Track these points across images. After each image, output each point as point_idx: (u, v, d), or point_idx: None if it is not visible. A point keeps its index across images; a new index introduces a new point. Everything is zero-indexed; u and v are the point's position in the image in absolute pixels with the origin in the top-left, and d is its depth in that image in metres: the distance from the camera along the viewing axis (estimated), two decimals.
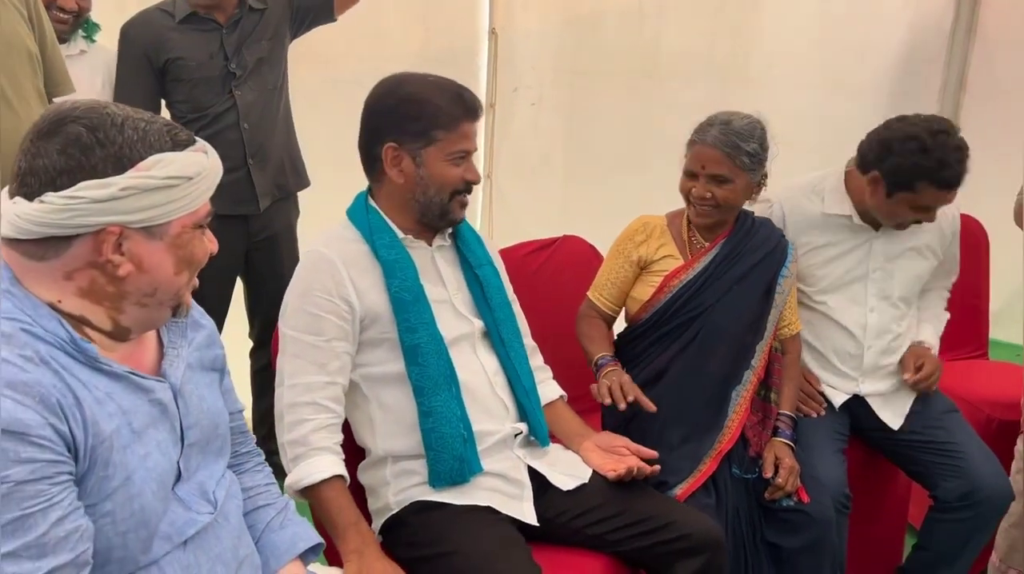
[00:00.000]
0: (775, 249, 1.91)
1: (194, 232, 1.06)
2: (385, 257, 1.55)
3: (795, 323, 2.00)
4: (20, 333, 0.96)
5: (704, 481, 1.76)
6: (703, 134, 1.85)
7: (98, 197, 0.95)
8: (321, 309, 1.52)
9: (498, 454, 1.61)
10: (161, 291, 1.05)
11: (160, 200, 0.99)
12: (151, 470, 1.03)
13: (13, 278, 1.00)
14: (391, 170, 1.56)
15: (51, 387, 0.94)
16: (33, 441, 0.90)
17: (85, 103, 1.01)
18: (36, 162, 0.96)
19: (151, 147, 0.99)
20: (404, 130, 1.53)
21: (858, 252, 2.03)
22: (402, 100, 1.54)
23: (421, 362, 1.53)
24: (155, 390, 1.07)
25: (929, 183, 1.83)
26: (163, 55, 2.33)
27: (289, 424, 1.50)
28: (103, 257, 0.98)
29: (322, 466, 1.47)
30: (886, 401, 2.05)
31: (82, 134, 0.96)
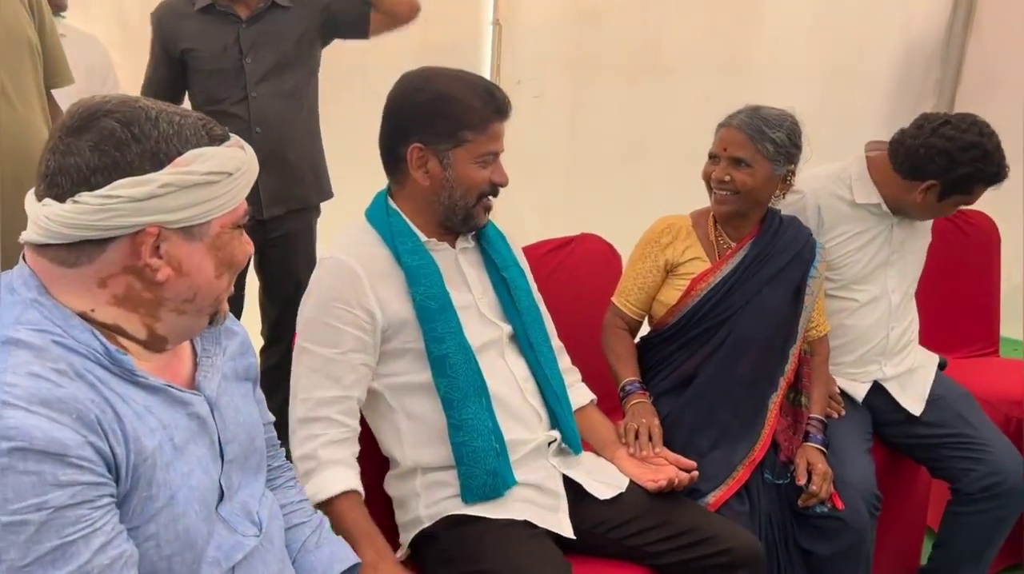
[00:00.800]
0: (803, 249, 1.87)
1: (233, 232, 0.99)
2: (408, 263, 1.48)
3: (823, 324, 1.96)
4: (52, 345, 0.88)
5: (737, 489, 1.71)
6: (731, 118, 1.82)
7: (136, 195, 0.88)
8: (340, 320, 1.44)
9: (532, 463, 1.55)
10: (201, 296, 0.98)
11: (200, 198, 0.92)
12: (194, 489, 0.96)
13: (41, 287, 0.92)
14: (416, 171, 1.48)
15: (88, 402, 0.86)
16: (72, 462, 0.83)
17: (115, 96, 0.93)
18: (67, 160, 0.88)
19: (187, 142, 0.92)
20: (432, 130, 1.45)
21: (880, 238, 2.05)
22: (431, 98, 1.46)
23: (450, 373, 1.47)
24: (193, 403, 1.00)
25: (985, 185, 1.90)
26: (179, 44, 2.25)
27: (300, 439, 1.43)
28: (141, 261, 0.91)
29: (334, 481, 1.40)
30: (904, 386, 2.06)
31: (116, 129, 0.89)
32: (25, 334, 0.87)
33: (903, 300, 2.09)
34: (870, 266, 2.04)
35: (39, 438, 0.81)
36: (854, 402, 2.04)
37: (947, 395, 2.07)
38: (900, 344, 2.08)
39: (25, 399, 0.82)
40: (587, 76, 3.37)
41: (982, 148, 1.85)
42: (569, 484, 1.58)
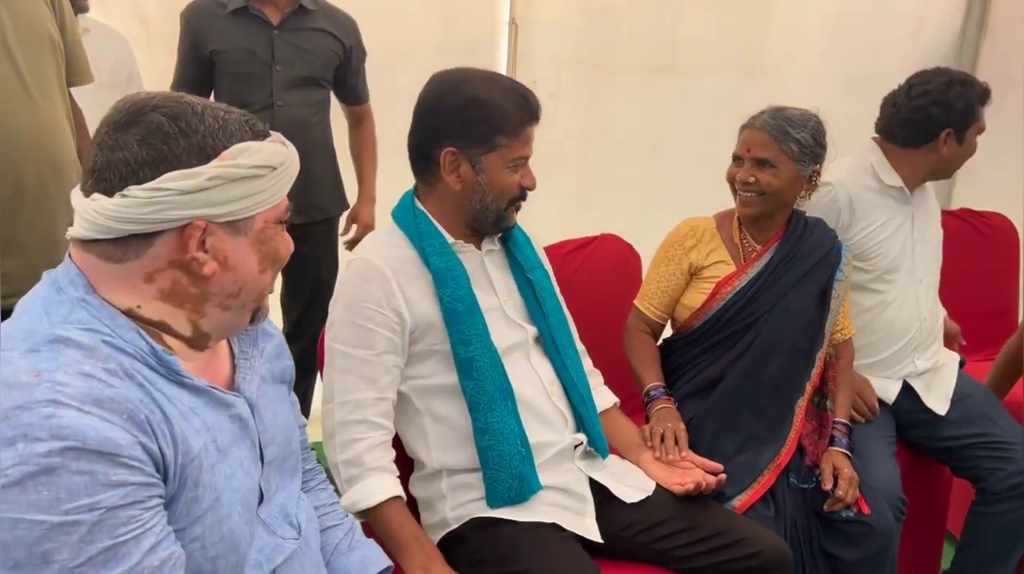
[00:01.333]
0: (829, 251, 1.85)
1: (276, 227, 0.99)
2: (436, 264, 1.47)
3: (848, 327, 1.95)
4: (101, 345, 0.88)
5: (763, 493, 1.70)
6: (754, 119, 1.81)
7: (185, 188, 0.88)
8: (371, 321, 1.44)
9: (558, 466, 1.54)
10: (245, 291, 0.98)
11: (246, 191, 0.92)
12: (237, 491, 0.96)
13: (88, 286, 0.92)
14: (448, 175, 1.47)
15: (138, 403, 0.86)
16: (124, 462, 0.82)
17: (160, 92, 0.94)
18: (115, 155, 0.89)
19: (232, 136, 0.93)
20: (466, 134, 1.44)
21: (906, 224, 2.07)
22: (467, 102, 1.44)
23: (476, 376, 1.46)
24: (235, 405, 1.00)
25: (982, 105, 2.01)
26: (208, 45, 2.25)
27: (341, 444, 1.42)
28: (188, 254, 0.91)
29: (379, 487, 1.40)
30: (928, 385, 2.07)
31: (163, 123, 0.89)
32: (75, 333, 0.87)
33: (930, 290, 2.11)
34: (901, 253, 2.05)
35: (92, 438, 0.80)
36: (881, 405, 2.03)
37: (971, 394, 2.08)
38: (932, 336, 2.10)
39: (78, 398, 0.82)
40: (602, 75, 3.34)
41: (956, 80, 1.99)
42: (595, 487, 1.57)
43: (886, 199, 2.05)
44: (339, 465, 1.42)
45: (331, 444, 1.44)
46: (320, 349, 1.55)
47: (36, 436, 0.78)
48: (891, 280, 2.05)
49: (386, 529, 1.40)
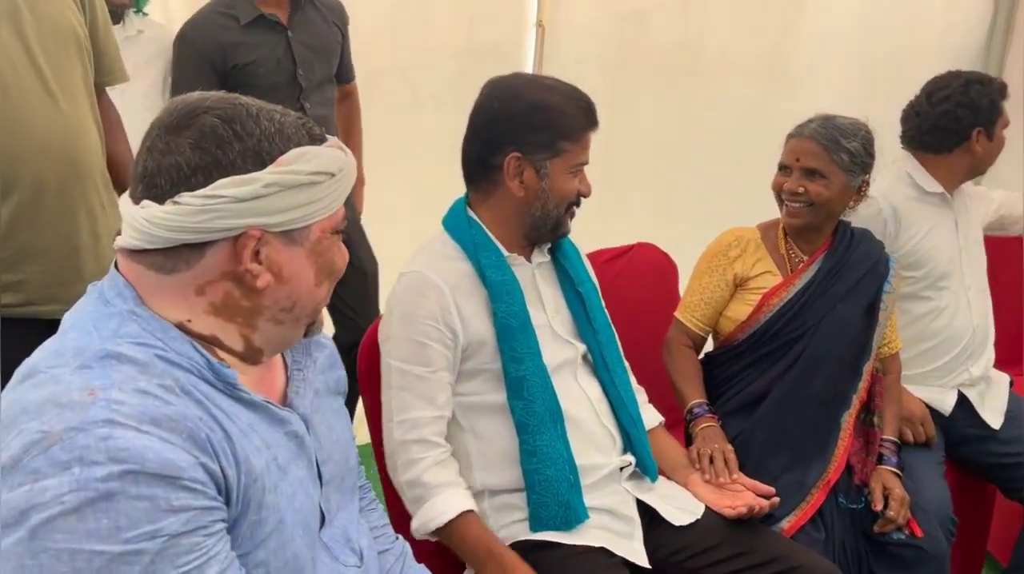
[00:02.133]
0: (878, 263, 1.80)
1: (332, 238, 0.94)
2: (492, 278, 1.43)
3: (896, 341, 1.90)
4: (155, 360, 0.82)
5: (813, 514, 1.64)
6: (802, 128, 1.76)
7: (240, 195, 0.83)
8: (428, 337, 1.39)
9: (605, 488, 1.48)
10: (300, 305, 0.93)
11: (303, 199, 0.87)
12: (299, 512, 0.91)
13: (137, 298, 0.86)
14: (511, 182, 1.43)
15: (197, 421, 0.81)
16: (186, 485, 0.77)
17: (215, 94, 0.88)
18: (166, 160, 0.83)
19: (289, 140, 0.87)
20: (530, 140, 1.41)
21: (951, 229, 2.06)
22: (531, 107, 1.41)
23: (527, 396, 1.41)
24: (291, 422, 0.94)
25: (1002, 99, 2.02)
26: (230, 61, 2.17)
27: (403, 465, 1.39)
28: (241, 266, 0.86)
29: (446, 505, 1.37)
30: (983, 397, 2.04)
31: (217, 126, 0.84)
32: (128, 348, 0.82)
33: (980, 294, 2.09)
34: (950, 260, 2.03)
35: (152, 460, 0.75)
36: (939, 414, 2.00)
37: (1022, 413, 2.04)
38: (985, 342, 2.08)
39: (135, 418, 0.76)
40: (628, 78, 3.30)
41: (973, 80, 2.00)
42: (641, 509, 1.51)
43: (928, 206, 2.03)
44: (403, 486, 1.39)
45: (392, 464, 1.41)
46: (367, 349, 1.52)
47: (93, 459, 0.73)
48: (943, 287, 2.02)
49: (460, 544, 1.37)
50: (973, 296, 2.06)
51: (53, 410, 0.76)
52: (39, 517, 0.72)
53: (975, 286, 2.07)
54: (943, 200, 2.04)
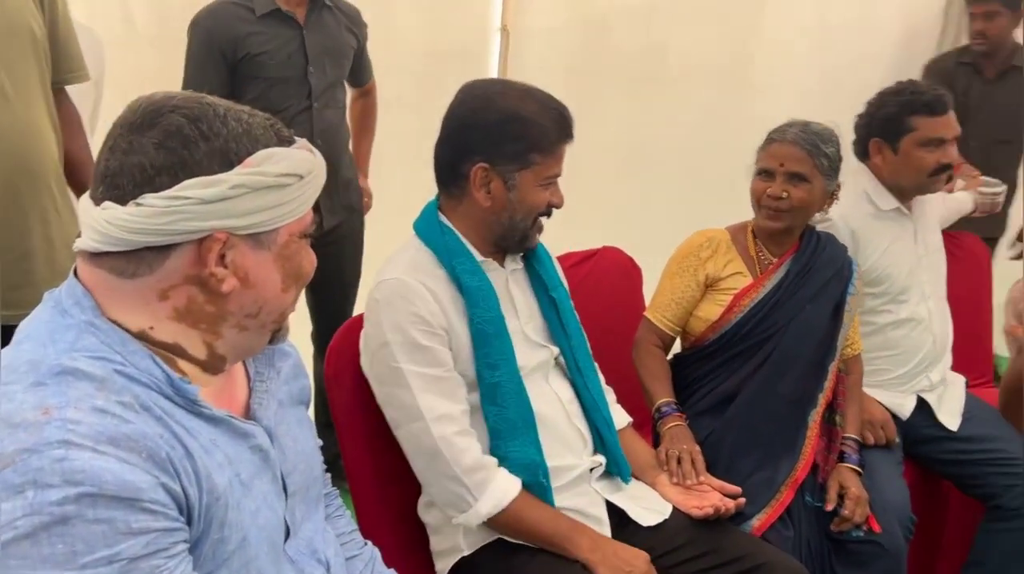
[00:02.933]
0: (842, 266, 1.84)
1: (300, 242, 0.92)
2: (468, 284, 1.41)
3: (858, 342, 1.94)
4: (114, 375, 0.80)
5: (782, 512, 1.66)
6: (782, 133, 1.77)
7: (206, 197, 0.80)
8: (431, 340, 1.38)
9: (575, 489, 1.49)
10: (266, 310, 0.90)
11: (271, 202, 0.85)
12: (263, 528, 0.89)
13: (96, 307, 0.83)
14: (478, 191, 1.41)
15: (158, 439, 0.78)
16: (145, 507, 0.75)
17: (180, 93, 0.86)
18: (129, 159, 0.81)
19: (257, 141, 0.85)
20: (501, 151, 1.39)
21: (909, 240, 2.07)
22: (503, 118, 1.38)
23: (500, 402, 1.40)
24: (254, 435, 0.92)
25: (918, 114, 1.94)
26: (240, 51, 2.16)
27: (455, 457, 1.36)
28: (206, 269, 0.84)
29: (510, 481, 1.38)
30: (941, 400, 2.07)
31: (183, 125, 0.81)
32: (84, 363, 0.79)
33: (939, 303, 2.11)
34: (909, 273, 2.04)
35: (110, 482, 0.73)
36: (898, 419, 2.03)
37: (978, 413, 2.08)
38: (944, 348, 2.11)
39: (91, 438, 0.74)
40: (592, 84, 3.32)
41: (889, 90, 1.99)
42: (611, 510, 1.52)
43: (886, 222, 2.04)
44: (461, 476, 1.36)
45: (439, 460, 1.37)
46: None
47: (47, 482, 0.71)
48: (903, 300, 2.05)
49: (534, 523, 1.38)
50: (933, 305, 2.08)
51: (5, 430, 0.73)
52: None
53: (934, 294, 2.10)
54: (899, 213, 2.05)
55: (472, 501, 1.36)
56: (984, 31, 2.85)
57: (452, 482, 1.37)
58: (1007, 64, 2.91)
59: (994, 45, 2.86)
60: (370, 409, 1.51)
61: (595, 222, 3.25)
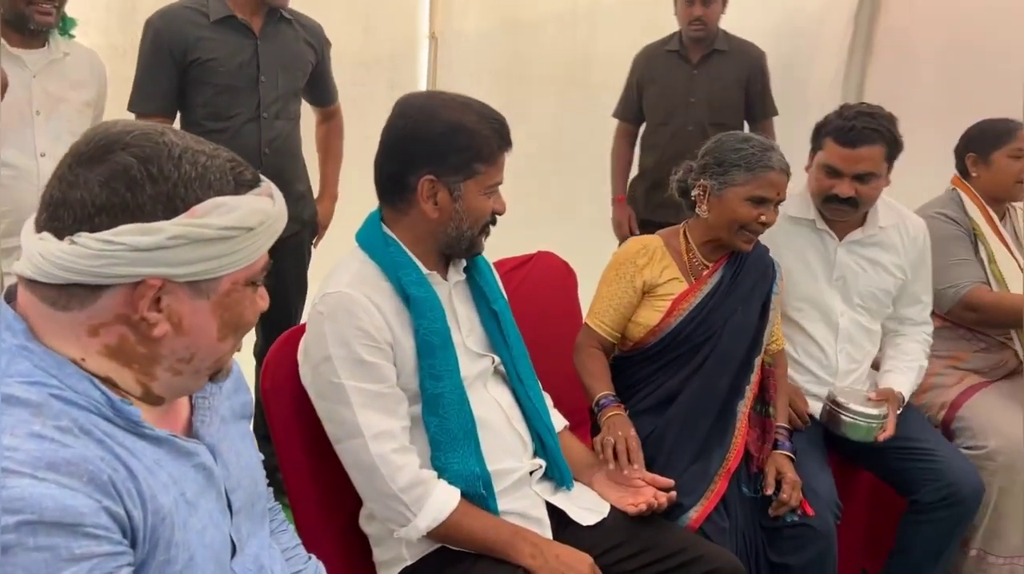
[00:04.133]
0: (768, 266, 1.91)
1: (245, 290, 0.89)
2: (416, 295, 1.42)
3: (781, 338, 2.01)
4: (50, 399, 0.78)
5: (717, 502, 1.71)
6: (769, 159, 1.78)
7: (140, 245, 0.78)
8: (373, 355, 1.38)
9: (516, 492, 1.51)
10: (199, 357, 0.88)
11: (212, 253, 0.82)
12: (209, 547, 0.88)
13: (28, 331, 0.81)
14: (425, 203, 1.42)
15: (99, 462, 0.77)
16: (88, 532, 0.74)
17: (140, 127, 0.83)
18: (72, 193, 0.79)
19: (209, 187, 0.82)
20: (446, 162, 1.40)
21: (823, 260, 2.09)
22: (446, 130, 1.40)
23: (442, 414, 1.41)
24: (198, 453, 0.92)
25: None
26: (189, 55, 2.12)
27: (391, 474, 1.37)
28: (137, 314, 0.82)
29: (448, 494, 1.39)
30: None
31: (131, 166, 0.79)
32: (18, 389, 0.77)
33: (854, 327, 2.10)
34: (814, 286, 2.07)
35: (50, 508, 0.72)
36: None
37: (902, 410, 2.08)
38: (849, 367, 2.11)
39: (29, 464, 0.72)
40: (520, 90, 3.36)
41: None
42: (550, 510, 1.55)
43: (799, 228, 2.09)
44: (398, 493, 1.36)
45: (377, 477, 1.37)
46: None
47: None
48: (801, 306, 2.09)
49: (473, 532, 1.40)
50: (844, 325, 2.09)
51: None
52: None
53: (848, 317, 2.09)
54: (814, 226, 2.07)
55: (411, 516, 1.37)
56: (702, 16, 2.94)
57: (390, 499, 1.37)
58: (710, 48, 3.02)
59: (709, 31, 2.98)
60: (309, 421, 1.50)
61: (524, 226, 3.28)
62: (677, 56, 3.05)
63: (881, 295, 2.12)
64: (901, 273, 2.12)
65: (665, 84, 3.03)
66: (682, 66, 3.05)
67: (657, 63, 3.07)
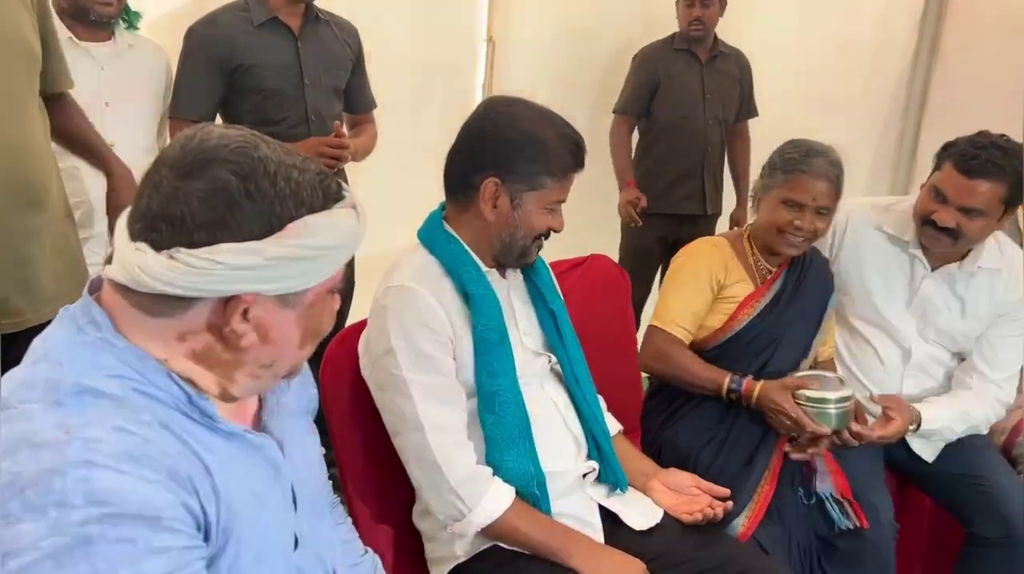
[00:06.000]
0: (827, 277, 1.90)
1: (327, 299, 0.92)
2: (474, 292, 1.43)
3: (831, 346, 1.98)
4: (133, 394, 0.81)
5: (767, 508, 1.70)
6: (808, 164, 1.74)
7: (240, 264, 0.80)
8: (435, 349, 1.39)
9: (570, 495, 1.52)
10: (280, 364, 0.91)
11: (303, 270, 0.84)
12: (276, 541, 0.91)
13: (112, 326, 0.84)
14: (485, 205, 1.43)
15: (178, 457, 0.80)
16: (167, 525, 0.76)
17: (235, 138, 0.83)
18: (171, 206, 0.80)
19: (302, 204, 0.83)
20: (514, 169, 1.41)
21: (906, 286, 1.97)
22: (522, 139, 1.40)
23: (498, 411, 1.43)
24: (266, 448, 0.94)
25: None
26: (235, 60, 2.15)
27: (449, 468, 1.38)
28: (228, 327, 0.84)
29: (504, 491, 1.40)
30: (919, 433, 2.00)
31: (231, 183, 0.80)
32: (102, 382, 0.80)
33: (928, 357, 2.00)
34: (891, 307, 1.96)
35: (132, 501, 0.74)
36: None
37: (964, 439, 1.98)
38: (916, 397, 1.98)
39: (113, 457, 0.75)
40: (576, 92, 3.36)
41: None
42: (603, 513, 1.55)
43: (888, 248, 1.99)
44: (455, 487, 1.37)
45: (434, 470, 1.38)
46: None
47: (71, 503, 0.72)
48: (865, 323, 2.02)
49: (528, 534, 1.40)
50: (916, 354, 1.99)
51: (26, 450, 0.74)
52: (15, 563, 0.70)
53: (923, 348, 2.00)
54: (906, 248, 1.96)
55: (466, 511, 1.38)
56: (701, 17, 3.06)
57: (447, 492, 1.38)
58: (715, 49, 3.16)
59: (708, 31, 3.10)
60: (366, 419, 1.53)
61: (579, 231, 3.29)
62: (688, 54, 3.17)
63: (960, 338, 1.99)
64: (989, 321, 1.97)
65: (682, 81, 3.14)
66: (694, 64, 3.18)
67: (670, 61, 3.16)
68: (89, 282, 0.90)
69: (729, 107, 3.23)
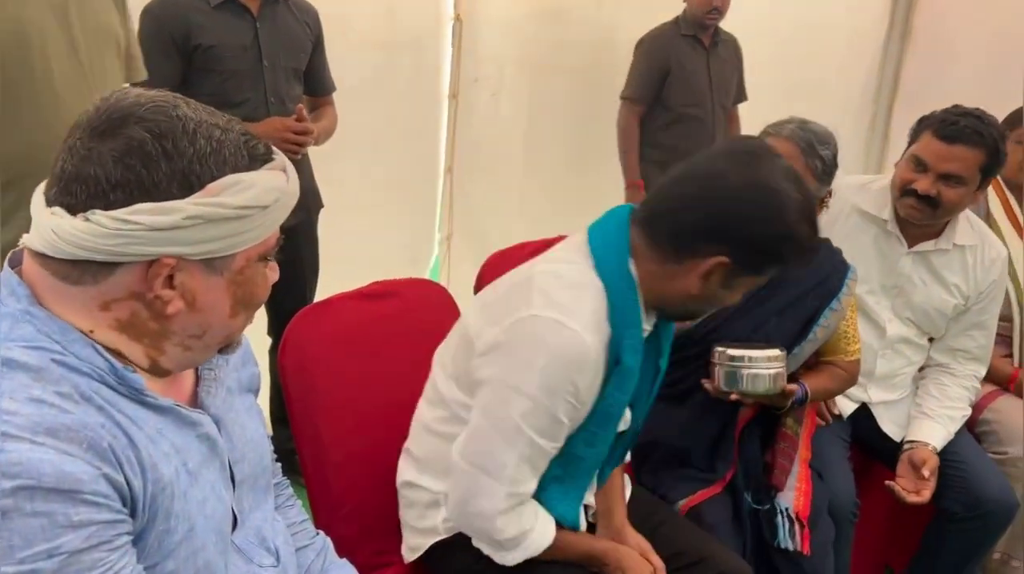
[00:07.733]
0: (827, 278, 1.71)
1: (258, 266, 0.87)
2: (628, 363, 1.26)
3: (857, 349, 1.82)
4: (51, 365, 0.77)
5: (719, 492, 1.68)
6: (779, 128, 1.68)
7: (157, 224, 0.76)
8: (567, 415, 1.26)
9: None
10: (211, 334, 0.87)
11: (228, 231, 0.80)
12: (210, 518, 0.87)
13: (31, 297, 0.81)
14: (699, 278, 1.24)
15: (99, 428, 0.76)
16: (86, 499, 0.73)
17: (152, 98, 0.80)
18: (85, 168, 0.77)
19: (224, 163, 0.80)
20: (753, 259, 1.23)
21: (883, 265, 1.96)
22: (783, 235, 1.21)
23: (571, 471, 1.35)
24: (202, 423, 0.91)
25: None
26: (192, 40, 2.09)
27: (502, 526, 1.30)
28: (152, 292, 0.80)
29: (544, 536, 1.33)
30: (889, 410, 2.03)
31: (146, 141, 0.77)
32: (19, 353, 0.76)
33: (900, 337, 2.00)
34: (864, 286, 1.93)
35: (48, 473, 0.71)
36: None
37: None
38: (889, 375, 2.01)
39: (29, 429, 0.72)
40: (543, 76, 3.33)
41: None
42: None
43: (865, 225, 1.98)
44: (500, 539, 1.31)
45: (488, 522, 1.30)
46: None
47: None
48: None
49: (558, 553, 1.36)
50: (892, 333, 2.00)
51: None
52: None
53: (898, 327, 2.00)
54: (885, 227, 1.96)
55: (503, 553, 1.32)
56: (720, 7, 3.09)
57: (486, 539, 1.32)
58: (717, 36, 3.20)
59: (721, 19, 3.15)
60: (327, 400, 1.50)
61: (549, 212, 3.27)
62: (694, 40, 3.17)
63: (935, 315, 1.99)
64: (962, 297, 1.97)
65: (691, 69, 3.13)
66: (699, 50, 3.18)
67: (678, 48, 3.15)
68: (10, 255, 0.86)
69: (730, 93, 3.24)
